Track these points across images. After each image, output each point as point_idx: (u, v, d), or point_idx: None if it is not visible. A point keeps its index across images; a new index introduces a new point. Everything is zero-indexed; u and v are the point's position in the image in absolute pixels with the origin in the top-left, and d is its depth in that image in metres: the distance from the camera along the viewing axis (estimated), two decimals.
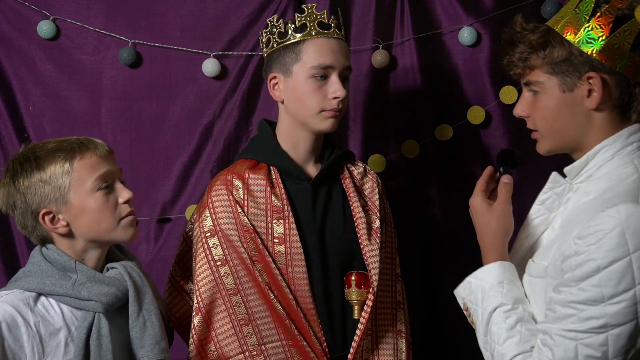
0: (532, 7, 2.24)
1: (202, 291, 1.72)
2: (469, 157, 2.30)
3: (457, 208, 2.29)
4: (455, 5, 2.27)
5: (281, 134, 1.83)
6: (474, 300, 1.41)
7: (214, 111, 2.29)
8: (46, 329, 1.49)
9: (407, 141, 2.29)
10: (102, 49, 2.27)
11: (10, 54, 2.26)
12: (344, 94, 1.73)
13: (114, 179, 1.60)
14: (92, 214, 1.56)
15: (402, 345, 1.84)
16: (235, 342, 1.70)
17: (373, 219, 1.83)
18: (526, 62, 1.37)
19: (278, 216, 1.74)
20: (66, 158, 1.54)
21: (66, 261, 1.56)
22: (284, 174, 1.79)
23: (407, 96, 2.29)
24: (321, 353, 1.72)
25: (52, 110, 2.28)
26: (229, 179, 1.78)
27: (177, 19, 2.27)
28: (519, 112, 1.44)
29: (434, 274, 2.30)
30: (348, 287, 1.76)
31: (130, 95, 2.28)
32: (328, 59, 1.73)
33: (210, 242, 1.74)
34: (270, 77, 1.80)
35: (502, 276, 1.39)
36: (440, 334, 2.30)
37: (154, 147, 2.29)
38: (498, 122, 2.28)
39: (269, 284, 1.71)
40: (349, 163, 1.90)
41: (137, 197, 2.27)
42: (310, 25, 1.74)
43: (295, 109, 1.77)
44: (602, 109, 1.34)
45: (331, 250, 1.78)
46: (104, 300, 1.53)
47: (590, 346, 1.22)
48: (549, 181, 1.47)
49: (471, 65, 2.27)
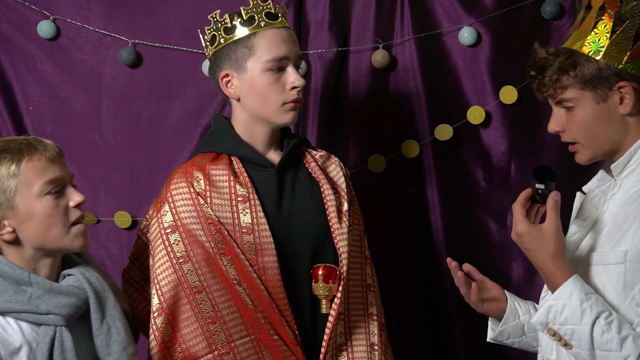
0: (532, 7, 2.24)
1: (165, 290, 1.65)
2: (469, 157, 2.30)
3: (457, 208, 2.29)
4: (455, 5, 2.27)
5: (238, 129, 1.78)
6: (564, 321, 1.39)
7: (213, 111, 2.28)
8: (6, 349, 1.41)
9: (407, 141, 2.28)
10: (102, 49, 2.27)
11: (10, 54, 2.26)
12: (303, 82, 1.72)
13: (64, 183, 1.50)
14: (40, 220, 1.46)
15: (374, 328, 1.81)
16: (203, 341, 1.65)
17: (342, 202, 1.80)
18: (557, 83, 1.47)
19: (244, 205, 1.69)
20: (12, 159, 1.44)
21: (19, 274, 1.45)
22: (247, 162, 1.75)
23: (407, 96, 2.29)
24: (294, 342, 1.68)
25: (52, 110, 2.28)
26: (189, 170, 1.72)
27: (177, 19, 2.27)
28: (555, 128, 1.52)
29: (433, 274, 2.29)
30: (315, 281, 1.72)
31: (130, 95, 2.28)
32: (282, 50, 1.70)
33: (171, 239, 1.67)
34: (222, 75, 1.75)
35: (584, 288, 1.39)
36: (437, 333, 2.30)
37: (154, 147, 2.29)
38: (498, 122, 2.28)
39: (237, 277, 1.67)
40: (309, 149, 1.87)
41: (137, 197, 2.29)
42: (258, 17, 1.71)
43: (254, 104, 1.74)
44: (635, 112, 1.46)
45: (301, 237, 1.74)
46: (64, 312, 1.45)
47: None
48: (596, 178, 1.54)
49: (471, 65, 2.27)
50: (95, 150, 2.28)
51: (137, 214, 2.28)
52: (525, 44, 2.25)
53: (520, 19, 2.25)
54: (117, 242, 2.28)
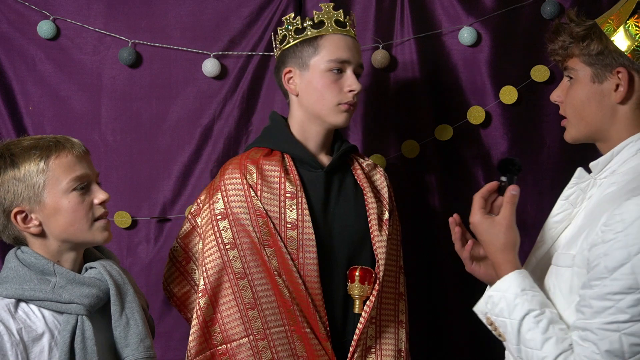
0: (532, 7, 2.24)
1: (210, 273, 1.74)
2: (469, 157, 2.30)
3: (457, 208, 2.28)
4: (455, 5, 2.27)
5: (293, 127, 1.86)
6: (499, 313, 1.42)
7: (214, 111, 2.29)
8: (29, 335, 1.46)
9: (407, 141, 2.29)
10: (102, 49, 2.27)
11: (10, 54, 2.26)
12: (359, 87, 1.79)
13: (90, 181, 1.56)
14: (66, 215, 1.52)
15: (402, 335, 1.89)
16: (240, 325, 1.73)
17: (383, 211, 1.86)
18: (567, 50, 1.46)
19: (291, 202, 1.77)
20: (41, 156, 1.51)
21: (44, 264, 1.52)
22: (298, 161, 1.83)
23: (407, 96, 2.29)
24: (325, 337, 1.74)
25: (52, 110, 2.28)
26: (244, 163, 1.81)
27: (177, 19, 2.27)
28: (555, 98, 1.52)
29: (435, 274, 2.30)
30: (351, 281, 1.79)
31: (130, 95, 2.28)
32: (345, 53, 1.79)
33: (220, 225, 1.76)
34: (285, 71, 1.84)
35: (523, 284, 1.41)
36: (441, 332, 2.30)
37: (154, 147, 2.29)
38: (498, 122, 2.28)
39: (278, 268, 1.74)
40: (357, 156, 1.94)
41: (137, 197, 2.30)
42: (327, 23, 1.80)
43: (311, 101, 1.81)
44: (627, 104, 1.41)
45: (341, 239, 1.81)
46: (86, 302, 1.50)
47: (634, 334, 1.24)
48: (575, 176, 1.51)
49: (471, 65, 2.27)
50: (95, 150, 2.27)
51: (136, 213, 2.28)
52: (525, 44, 2.27)
53: (520, 19, 2.25)
54: (117, 242, 2.28)
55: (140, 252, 2.29)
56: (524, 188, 2.22)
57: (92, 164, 1.61)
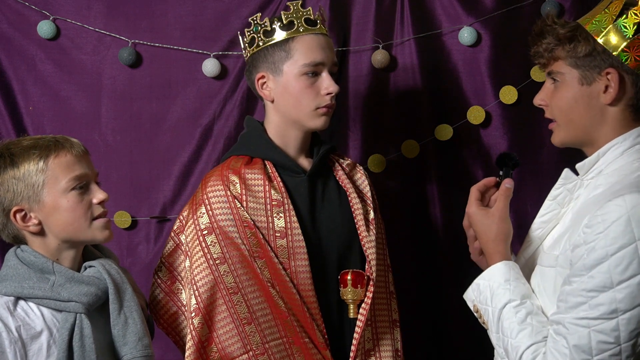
0: (532, 7, 2.24)
1: (202, 291, 1.69)
2: (469, 157, 2.30)
3: (457, 208, 2.28)
4: (455, 5, 2.27)
5: (271, 132, 1.82)
6: (484, 301, 1.45)
7: (214, 111, 2.29)
8: (27, 333, 1.47)
9: (407, 141, 2.28)
10: (102, 49, 2.27)
11: (10, 54, 2.26)
12: (337, 89, 1.75)
13: (89, 180, 1.57)
14: (65, 214, 1.53)
15: (397, 335, 1.87)
16: (238, 342, 1.68)
17: (368, 210, 1.84)
18: (551, 53, 1.44)
19: (278, 210, 1.73)
20: (41, 156, 1.52)
21: (43, 262, 1.53)
22: (280, 167, 1.78)
23: (407, 96, 2.29)
24: (324, 346, 1.71)
25: (52, 110, 2.28)
26: (225, 174, 1.76)
27: (177, 19, 2.27)
28: (538, 102, 1.51)
29: (434, 274, 2.30)
30: (344, 286, 1.75)
31: (130, 95, 2.28)
32: (319, 55, 1.74)
33: (207, 240, 1.71)
34: (258, 76, 1.79)
35: (508, 274, 1.44)
36: (440, 333, 2.30)
37: (154, 147, 2.29)
38: (498, 122, 2.28)
39: (271, 279, 1.70)
40: (336, 156, 1.90)
41: (137, 197, 2.30)
42: (297, 23, 1.75)
43: (288, 107, 1.77)
44: (617, 105, 1.40)
45: (329, 243, 1.78)
46: (85, 301, 1.51)
47: (602, 332, 1.26)
48: (561, 177, 1.51)
49: (471, 65, 2.27)
50: (95, 150, 2.27)
51: (136, 213, 2.29)
52: (525, 44, 2.25)
53: (520, 19, 2.25)
54: (117, 242, 2.28)
55: (140, 252, 2.29)
56: (524, 188, 2.23)
57: (92, 163, 1.61)
